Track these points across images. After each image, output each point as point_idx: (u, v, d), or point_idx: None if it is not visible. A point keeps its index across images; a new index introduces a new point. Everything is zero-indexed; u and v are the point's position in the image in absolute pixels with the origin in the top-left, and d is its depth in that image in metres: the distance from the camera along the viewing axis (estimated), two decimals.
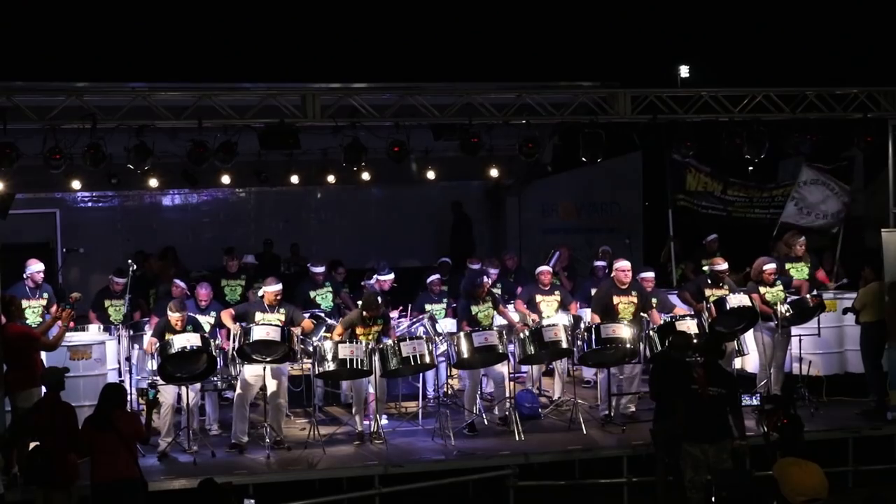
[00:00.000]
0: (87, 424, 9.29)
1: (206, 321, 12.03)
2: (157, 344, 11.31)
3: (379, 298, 12.01)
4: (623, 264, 12.43)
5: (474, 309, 12.48)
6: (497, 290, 13.51)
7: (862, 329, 12.65)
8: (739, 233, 16.06)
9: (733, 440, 9.63)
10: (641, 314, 12.42)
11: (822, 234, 15.10)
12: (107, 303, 13.11)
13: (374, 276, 13.86)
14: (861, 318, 12.62)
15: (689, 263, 15.44)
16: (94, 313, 13.05)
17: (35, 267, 12.22)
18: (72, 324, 11.16)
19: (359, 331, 11.78)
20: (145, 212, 18.52)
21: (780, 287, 12.87)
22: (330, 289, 13.74)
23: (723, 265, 13.00)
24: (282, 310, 11.76)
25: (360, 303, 12.35)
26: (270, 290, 11.75)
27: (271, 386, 11.58)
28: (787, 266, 13.52)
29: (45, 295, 12.27)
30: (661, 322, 12.27)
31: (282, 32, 23.18)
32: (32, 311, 12.07)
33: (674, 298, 13.36)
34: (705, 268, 13.89)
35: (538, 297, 13.10)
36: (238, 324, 11.52)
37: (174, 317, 11.43)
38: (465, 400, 12.29)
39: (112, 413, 9.19)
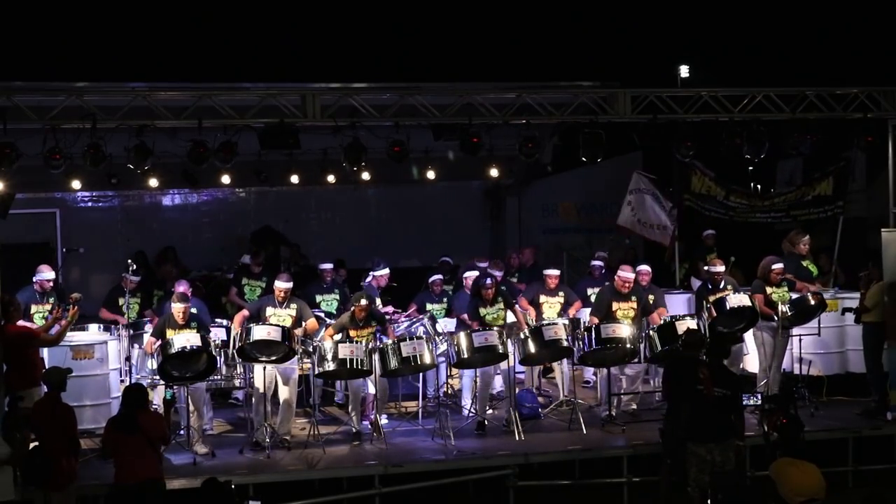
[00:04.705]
0: (112, 427, 9.30)
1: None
2: (157, 343, 11.29)
3: (366, 299, 11.91)
4: (626, 275, 12.36)
5: (482, 311, 12.48)
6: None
7: (864, 328, 12.62)
8: (743, 233, 16.06)
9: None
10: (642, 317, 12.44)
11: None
12: (121, 301, 12.97)
13: (371, 274, 13.87)
14: (865, 317, 12.58)
15: (698, 261, 15.37)
16: (106, 309, 12.99)
17: (45, 275, 12.18)
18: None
19: (352, 333, 11.78)
20: (145, 212, 18.49)
21: (786, 287, 12.86)
22: (337, 297, 13.65)
23: (719, 267, 12.98)
24: (293, 305, 11.83)
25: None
26: (280, 286, 11.81)
27: (283, 391, 11.60)
28: (805, 263, 13.69)
29: (51, 300, 12.20)
30: (662, 322, 12.27)
31: (282, 32, 23.15)
32: (40, 315, 12.02)
33: (676, 299, 13.33)
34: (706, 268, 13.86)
35: (542, 298, 13.15)
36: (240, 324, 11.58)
37: (178, 307, 11.39)
38: (479, 401, 12.24)
39: (139, 415, 9.21)
